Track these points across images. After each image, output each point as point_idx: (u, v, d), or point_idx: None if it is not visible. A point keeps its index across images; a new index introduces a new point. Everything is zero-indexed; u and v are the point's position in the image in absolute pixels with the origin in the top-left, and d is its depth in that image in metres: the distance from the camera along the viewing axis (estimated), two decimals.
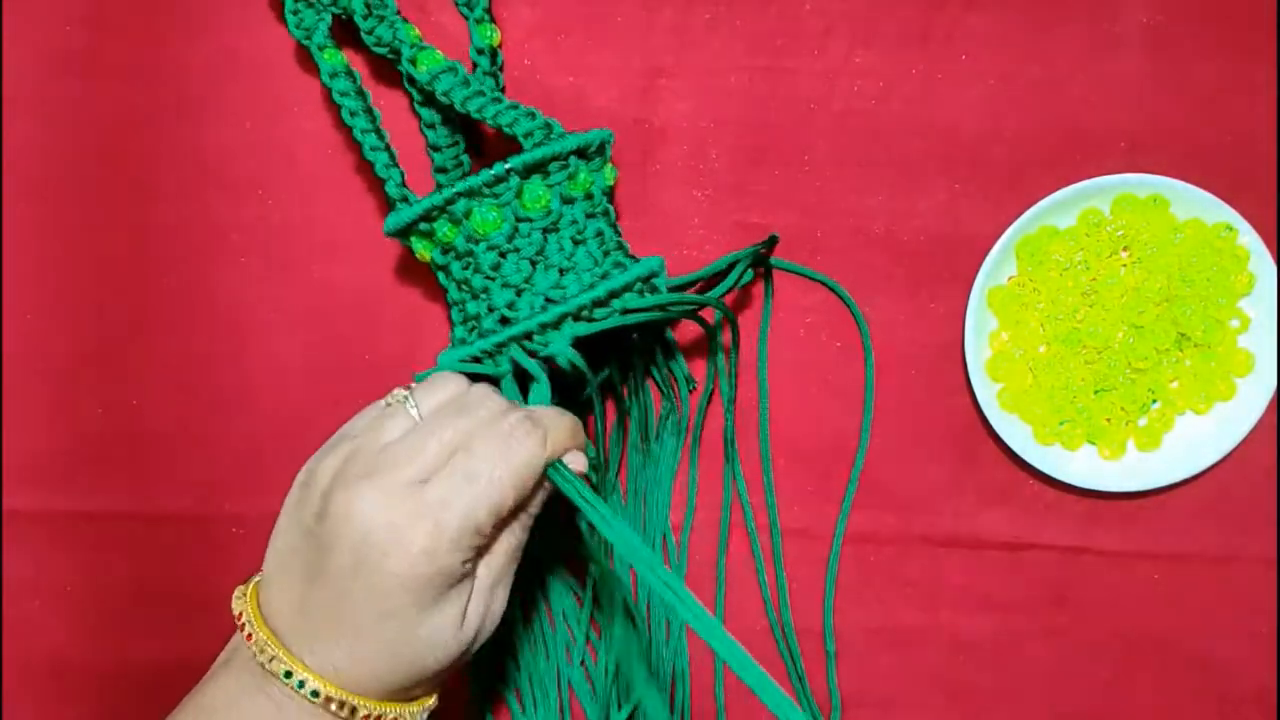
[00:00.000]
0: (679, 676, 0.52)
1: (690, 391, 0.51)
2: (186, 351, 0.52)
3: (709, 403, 0.52)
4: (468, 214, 0.45)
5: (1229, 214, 0.49)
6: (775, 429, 0.52)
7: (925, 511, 0.52)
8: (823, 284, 0.51)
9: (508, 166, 0.44)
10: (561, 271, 0.46)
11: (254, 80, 0.51)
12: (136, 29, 0.51)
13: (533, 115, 0.46)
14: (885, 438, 0.52)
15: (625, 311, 0.46)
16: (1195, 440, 0.51)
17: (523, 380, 0.46)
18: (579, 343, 0.45)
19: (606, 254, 0.47)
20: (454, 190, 0.44)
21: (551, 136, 0.45)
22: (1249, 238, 0.49)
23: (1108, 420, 0.51)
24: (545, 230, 0.46)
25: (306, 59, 0.50)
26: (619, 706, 0.51)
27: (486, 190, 0.44)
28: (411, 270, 0.51)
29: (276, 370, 0.52)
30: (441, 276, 0.48)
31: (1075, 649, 0.52)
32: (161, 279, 0.51)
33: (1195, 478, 0.51)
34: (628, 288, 0.46)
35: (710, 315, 0.50)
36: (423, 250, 0.47)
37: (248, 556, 0.52)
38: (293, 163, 0.51)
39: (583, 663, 0.52)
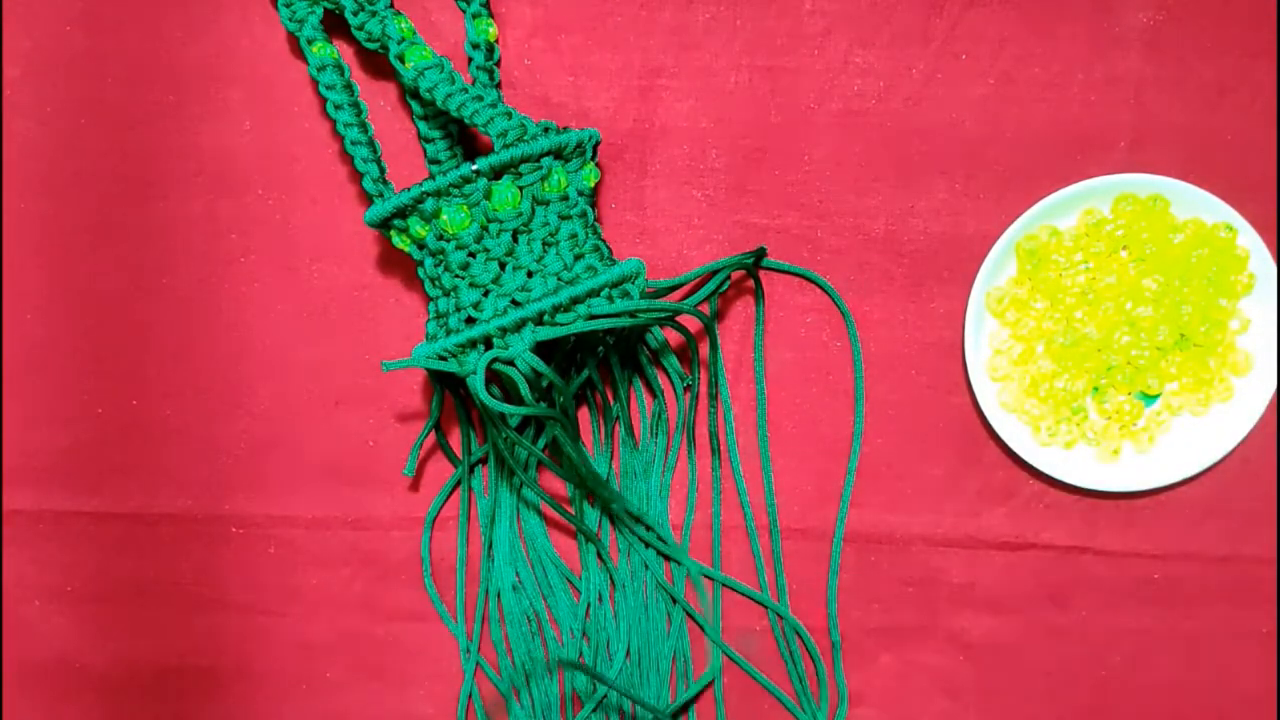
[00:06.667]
0: (681, 673, 0.52)
1: (685, 388, 0.51)
2: (186, 351, 0.52)
3: (697, 403, 0.52)
4: (436, 213, 0.45)
5: (1229, 214, 0.49)
6: (775, 428, 0.52)
7: (925, 511, 0.52)
8: (813, 282, 0.51)
9: (474, 167, 0.44)
10: (530, 274, 0.45)
11: (254, 80, 0.51)
12: (136, 29, 0.51)
13: (509, 115, 0.45)
14: (886, 437, 0.52)
15: (591, 317, 0.45)
16: (1195, 440, 0.51)
17: (497, 380, 0.45)
18: (558, 344, 0.44)
19: (579, 257, 0.46)
20: (421, 189, 0.44)
21: (526, 137, 0.45)
22: (1249, 238, 0.49)
23: (1107, 420, 0.51)
24: (516, 231, 0.45)
25: None
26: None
27: (454, 190, 0.44)
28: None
29: (276, 370, 0.52)
30: (419, 271, 0.48)
31: (1075, 649, 0.52)
32: (161, 279, 0.51)
33: (1195, 478, 0.51)
34: (594, 293, 0.45)
35: (691, 318, 0.50)
36: (400, 244, 0.47)
37: (248, 556, 0.53)
38: (293, 163, 0.51)
39: (580, 658, 0.52)
